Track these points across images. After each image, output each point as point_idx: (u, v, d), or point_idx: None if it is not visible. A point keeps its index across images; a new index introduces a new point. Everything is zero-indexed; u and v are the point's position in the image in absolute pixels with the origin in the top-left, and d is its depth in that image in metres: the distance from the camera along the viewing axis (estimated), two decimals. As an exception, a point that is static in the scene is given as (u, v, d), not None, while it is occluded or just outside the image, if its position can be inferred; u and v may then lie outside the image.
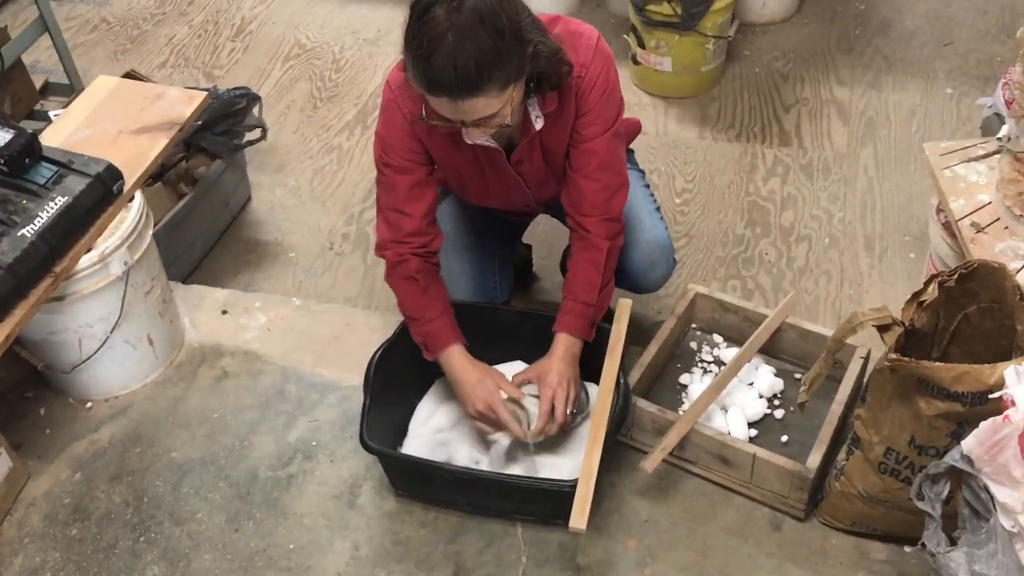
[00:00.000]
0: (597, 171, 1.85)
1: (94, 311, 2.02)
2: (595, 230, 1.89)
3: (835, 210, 2.78)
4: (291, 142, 3.18)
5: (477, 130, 1.68)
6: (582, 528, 1.72)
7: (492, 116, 1.63)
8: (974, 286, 1.66)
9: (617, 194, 1.89)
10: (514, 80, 1.61)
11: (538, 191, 2.00)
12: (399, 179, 1.86)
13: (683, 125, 3.14)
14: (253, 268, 2.74)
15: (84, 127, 2.19)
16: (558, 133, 1.83)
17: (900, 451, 1.65)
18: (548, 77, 1.71)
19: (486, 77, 1.55)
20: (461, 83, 1.54)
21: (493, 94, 1.58)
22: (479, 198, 2.05)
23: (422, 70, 1.56)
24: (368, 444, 1.83)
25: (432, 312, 1.91)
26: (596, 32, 1.81)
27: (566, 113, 1.81)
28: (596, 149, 1.84)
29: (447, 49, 1.52)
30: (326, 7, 3.85)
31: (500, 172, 1.91)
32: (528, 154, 1.87)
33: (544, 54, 1.65)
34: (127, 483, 2.02)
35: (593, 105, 1.80)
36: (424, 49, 1.53)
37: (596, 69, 1.78)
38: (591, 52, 1.78)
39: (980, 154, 2.18)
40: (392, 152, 1.85)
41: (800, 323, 2.10)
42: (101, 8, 3.94)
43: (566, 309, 1.91)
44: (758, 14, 3.51)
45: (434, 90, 1.58)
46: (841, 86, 3.24)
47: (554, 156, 1.89)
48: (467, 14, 1.52)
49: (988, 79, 3.16)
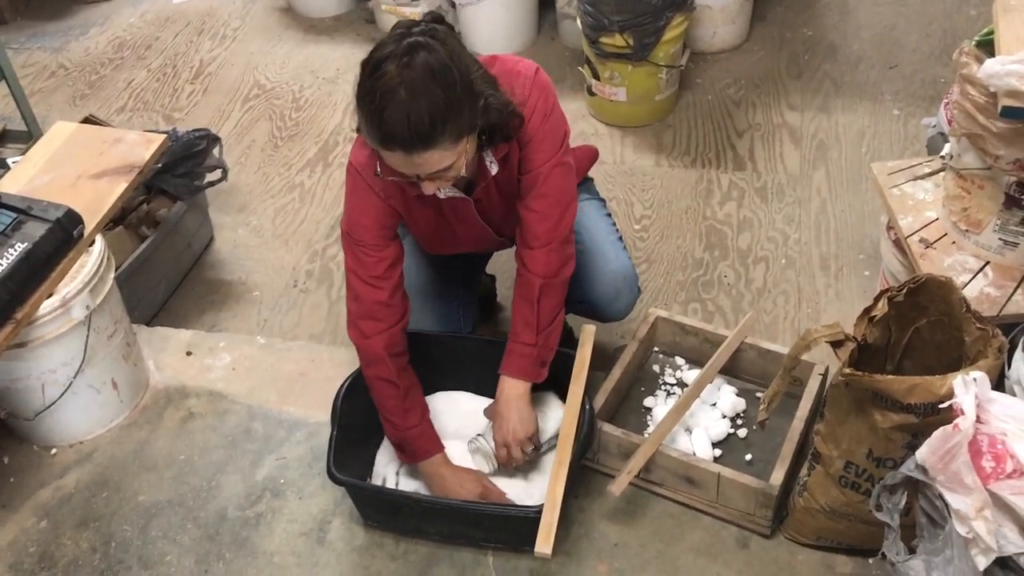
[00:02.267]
0: (536, 199, 1.85)
1: (57, 357, 2.01)
2: (532, 266, 1.88)
3: (791, 231, 2.84)
4: (252, 181, 3.20)
5: (432, 183, 1.69)
6: (547, 552, 1.74)
7: (446, 169, 1.65)
8: (923, 300, 1.71)
9: (560, 223, 1.87)
10: (467, 133, 1.63)
11: (501, 227, 2.01)
12: (370, 258, 1.85)
13: (639, 153, 3.19)
14: (217, 308, 2.74)
15: (43, 173, 2.19)
16: (510, 171, 1.86)
17: (859, 464, 1.68)
18: (500, 129, 1.73)
19: (439, 130, 1.57)
20: (415, 136, 1.56)
21: (447, 147, 1.60)
22: (449, 248, 2.07)
23: (376, 124, 1.57)
24: (335, 475, 1.83)
25: (411, 420, 1.91)
26: (534, 66, 1.82)
27: (512, 149, 1.83)
28: (538, 177, 1.84)
29: (400, 103, 1.54)
30: (284, 47, 3.89)
31: (467, 222, 1.93)
32: (486, 195, 1.89)
33: (495, 107, 1.68)
34: (94, 528, 2.01)
35: (533, 134, 1.81)
36: (377, 104, 1.55)
37: (534, 101, 1.79)
38: (528, 87, 1.79)
39: (926, 172, 2.25)
40: (365, 234, 1.84)
41: (759, 342, 2.14)
42: (58, 54, 3.95)
43: (508, 350, 1.92)
44: (708, 43, 3.58)
45: (388, 144, 1.59)
46: (792, 110, 3.31)
47: (510, 191, 1.91)
48: (418, 69, 1.54)
49: (933, 99, 3.26)
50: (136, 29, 4.08)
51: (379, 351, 1.87)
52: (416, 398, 1.93)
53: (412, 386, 1.93)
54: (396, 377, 1.89)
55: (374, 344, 1.87)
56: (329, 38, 3.91)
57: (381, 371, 1.89)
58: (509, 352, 1.92)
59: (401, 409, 1.90)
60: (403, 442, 1.93)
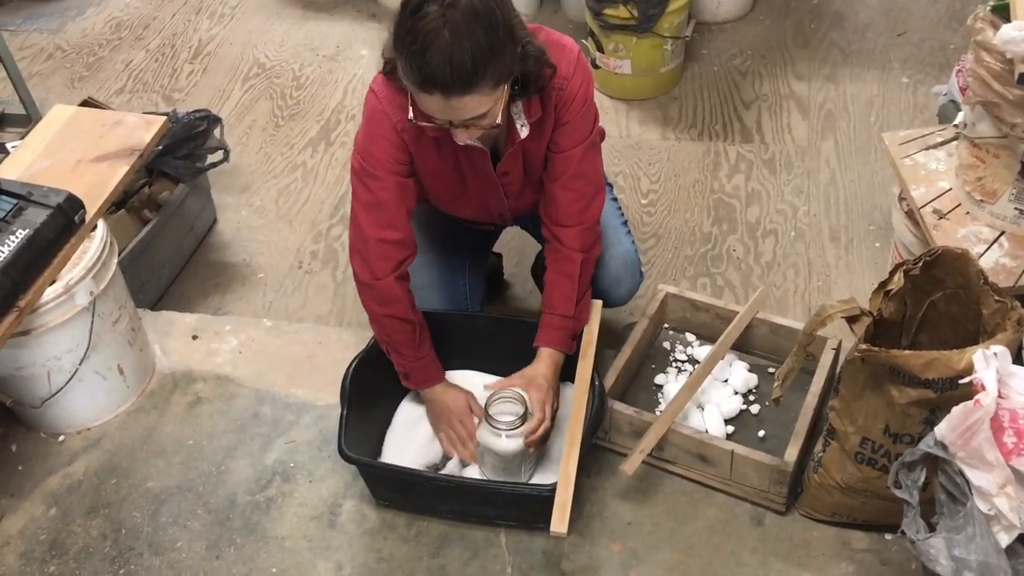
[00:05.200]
0: (572, 180, 1.86)
1: (61, 343, 1.99)
2: (569, 242, 1.89)
3: (800, 203, 2.80)
4: (254, 162, 3.16)
5: (465, 131, 1.67)
6: (563, 531, 1.72)
7: (482, 116, 1.63)
8: (939, 273, 1.68)
9: (592, 203, 1.90)
10: (505, 79, 1.62)
11: (515, 201, 2.00)
12: (383, 191, 1.83)
13: (645, 126, 3.15)
14: (222, 291, 2.72)
15: (42, 158, 2.16)
16: (539, 143, 1.84)
17: (875, 440, 1.66)
18: (534, 79, 1.71)
19: (481, 73, 1.54)
20: (457, 79, 1.53)
21: (486, 91, 1.58)
22: (454, 206, 2.04)
23: (416, 66, 1.54)
24: (347, 454, 1.82)
25: (423, 350, 1.94)
26: (577, 46, 1.82)
27: (546, 123, 1.82)
28: (571, 158, 1.85)
29: (443, 45, 1.51)
30: (284, 25, 3.84)
31: (482, 177, 1.91)
32: (513, 164, 1.88)
33: (532, 54, 1.67)
34: (104, 515, 2.00)
35: (572, 117, 1.81)
36: (419, 45, 1.52)
37: (577, 82, 1.79)
38: (573, 64, 1.79)
39: (938, 141, 2.21)
40: (377, 164, 1.82)
41: (771, 317, 2.12)
42: (55, 36, 3.90)
43: (546, 323, 1.92)
44: (713, 13, 3.53)
45: (428, 87, 1.56)
46: (799, 80, 3.27)
47: (533, 166, 1.90)
48: (462, 10, 1.51)
49: (942, 67, 3.21)
50: (133, 9, 4.03)
51: (393, 291, 1.87)
52: (425, 331, 1.94)
53: (423, 324, 1.93)
54: (410, 314, 1.90)
55: (385, 284, 1.87)
56: (329, 15, 3.86)
57: (395, 310, 1.89)
58: (547, 325, 1.92)
59: (413, 343, 1.91)
60: (410, 371, 1.94)
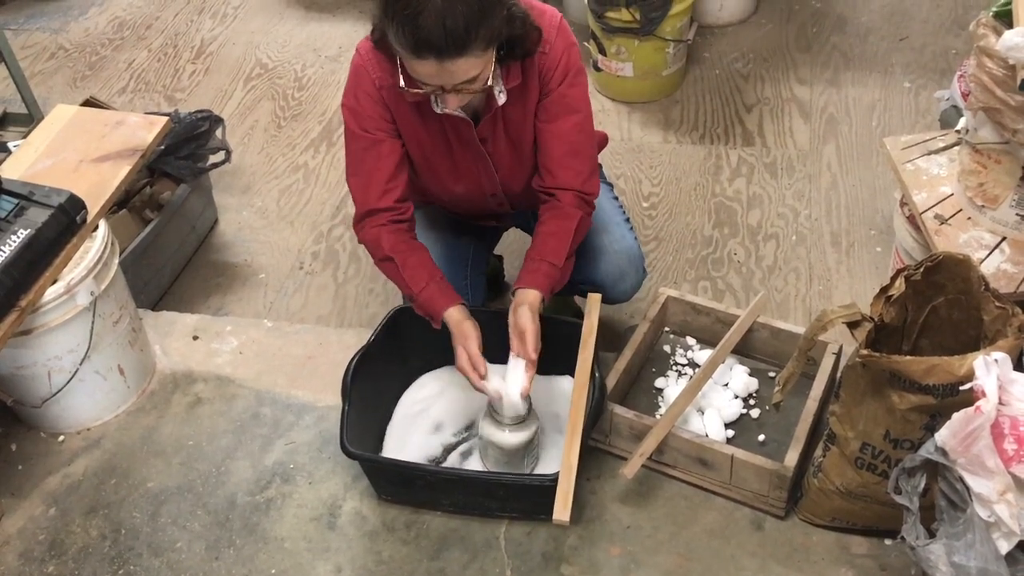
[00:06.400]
0: (567, 157, 1.87)
1: (62, 343, 1.99)
2: (568, 201, 1.90)
3: (801, 207, 2.81)
4: (256, 162, 3.17)
5: (455, 97, 1.69)
6: (566, 520, 1.71)
7: (473, 80, 1.64)
8: (940, 278, 1.68)
9: (591, 178, 1.91)
10: (495, 41, 1.64)
11: (506, 176, 1.99)
12: (370, 147, 1.86)
13: (647, 129, 3.15)
14: (223, 291, 2.72)
15: (44, 157, 2.16)
16: (521, 110, 1.85)
17: (876, 445, 1.66)
18: (520, 41, 1.73)
19: (472, 35, 1.57)
20: (450, 41, 1.55)
21: (478, 53, 1.60)
22: (448, 182, 2.02)
23: (409, 31, 1.56)
24: (349, 450, 1.82)
25: (417, 285, 1.89)
26: (559, 13, 1.83)
27: (529, 90, 1.83)
28: (564, 133, 1.86)
29: (435, 8, 1.53)
30: (286, 26, 3.84)
31: (467, 147, 1.91)
32: (492, 130, 1.88)
33: (518, 16, 1.69)
34: (103, 516, 2.00)
35: (556, 85, 1.82)
36: (412, 9, 1.54)
37: (559, 47, 1.80)
38: (554, 30, 1.80)
39: (940, 147, 2.21)
40: (365, 120, 1.85)
41: (771, 322, 2.11)
42: (58, 35, 3.91)
43: (533, 268, 1.88)
44: (716, 16, 3.54)
45: (421, 51, 1.58)
46: (801, 84, 3.27)
47: (519, 137, 1.90)
48: None
49: (944, 72, 3.21)
50: (136, 9, 4.03)
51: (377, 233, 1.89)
52: (417, 264, 1.90)
53: (411, 255, 1.90)
54: (391, 251, 1.89)
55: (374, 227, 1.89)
56: (331, 16, 3.86)
57: (377, 251, 1.91)
58: (534, 270, 1.87)
59: (403, 280, 1.89)
60: (421, 309, 1.90)
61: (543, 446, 1.96)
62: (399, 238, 1.91)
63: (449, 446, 2.02)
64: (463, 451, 2.01)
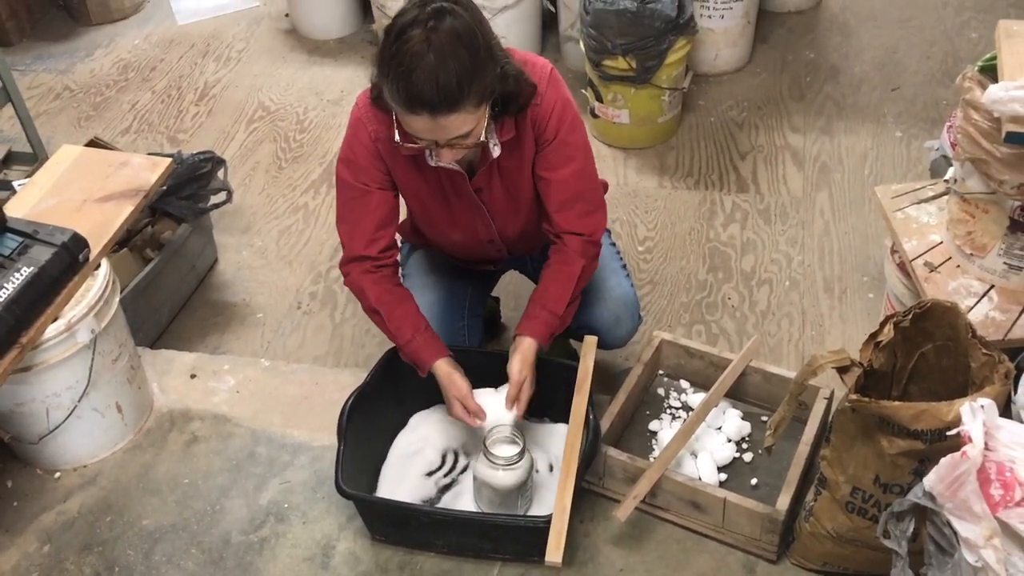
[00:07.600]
0: (570, 202, 1.92)
1: (61, 380, 2.01)
2: (574, 246, 1.94)
3: (794, 253, 2.84)
4: (257, 203, 3.20)
5: (449, 151, 1.73)
6: (558, 561, 1.73)
7: (466, 135, 1.69)
8: (929, 325, 1.71)
9: (594, 216, 1.96)
10: (488, 97, 1.69)
11: (503, 224, 2.02)
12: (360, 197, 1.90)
13: (643, 175, 3.20)
14: (221, 330, 2.74)
15: (49, 196, 2.19)
16: (517, 161, 1.89)
17: (866, 490, 1.67)
18: (514, 98, 1.77)
19: (465, 92, 1.61)
20: (442, 98, 1.60)
21: (470, 109, 1.65)
22: (445, 230, 2.05)
23: (403, 87, 1.60)
24: (344, 489, 1.83)
25: (403, 338, 1.93)
26: (549, 64, 1.87)
27: (524, 141, 1.86)
28: (566, 182, 1.90)
29: (428, 66, 1.58)
30: (289, 69, 3.90)
31: (463, 197, 1.95)
32: (487, 181, 1.91)
33: (511, 74, 1.73)
34: (97, 553, 2.00)
35: (552, 135, 1.86)
36: (405, 67, 1.59)
37: (551, 99, 1.84)
38: (545, 81, 1.84)
39: (930, 195, 2.25)
40: (359, 171, 1.89)
41: (764, 366, 2.14)
42: (64, 76, 3.96)
43: (534, 315, 1.94)
44: (711, 65, 3.60)
45: (415, 107, 1.62)
46: (794, 132, 3.32)
47: (516, 186, 1.94)
48: (445, 33, 1.59)
49: (935, 122, 3.26)
50: (141, 51, 4.10)
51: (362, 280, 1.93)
52: (403, 316, 1.93)
53: (398, 306, 1.94)
54: (377, 304, 1.92)
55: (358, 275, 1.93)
56: (333, 60, 3.93)
57: (364, 302, 1.95)
58: (535, 317, 1.93)
59: (391, 331, 1.93)
60: (408, 359, 1.95)
61: (537, 488, 1.97)
62: (383, 288, 1.94)
63: (443, 486, 2.03)
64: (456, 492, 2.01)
